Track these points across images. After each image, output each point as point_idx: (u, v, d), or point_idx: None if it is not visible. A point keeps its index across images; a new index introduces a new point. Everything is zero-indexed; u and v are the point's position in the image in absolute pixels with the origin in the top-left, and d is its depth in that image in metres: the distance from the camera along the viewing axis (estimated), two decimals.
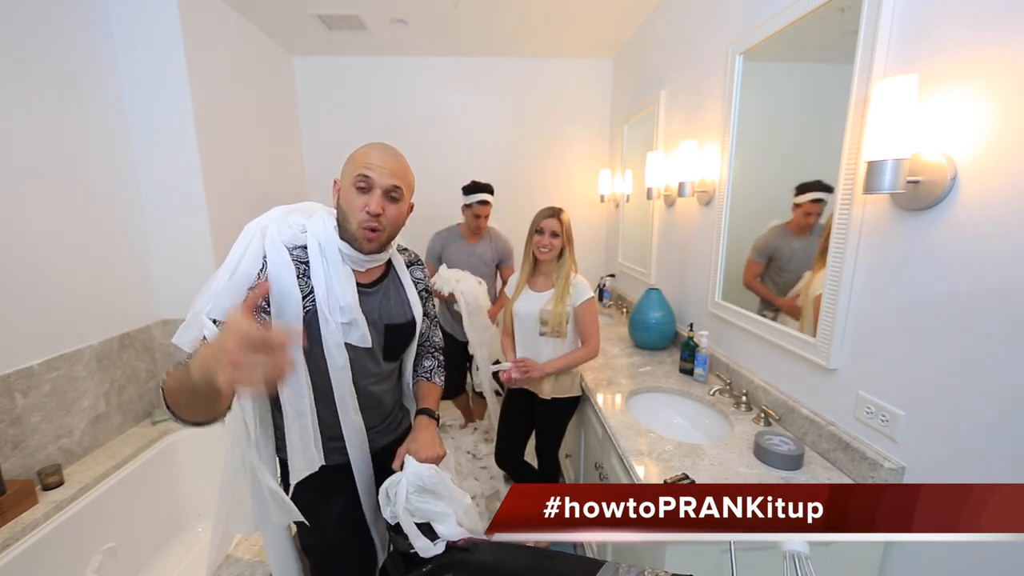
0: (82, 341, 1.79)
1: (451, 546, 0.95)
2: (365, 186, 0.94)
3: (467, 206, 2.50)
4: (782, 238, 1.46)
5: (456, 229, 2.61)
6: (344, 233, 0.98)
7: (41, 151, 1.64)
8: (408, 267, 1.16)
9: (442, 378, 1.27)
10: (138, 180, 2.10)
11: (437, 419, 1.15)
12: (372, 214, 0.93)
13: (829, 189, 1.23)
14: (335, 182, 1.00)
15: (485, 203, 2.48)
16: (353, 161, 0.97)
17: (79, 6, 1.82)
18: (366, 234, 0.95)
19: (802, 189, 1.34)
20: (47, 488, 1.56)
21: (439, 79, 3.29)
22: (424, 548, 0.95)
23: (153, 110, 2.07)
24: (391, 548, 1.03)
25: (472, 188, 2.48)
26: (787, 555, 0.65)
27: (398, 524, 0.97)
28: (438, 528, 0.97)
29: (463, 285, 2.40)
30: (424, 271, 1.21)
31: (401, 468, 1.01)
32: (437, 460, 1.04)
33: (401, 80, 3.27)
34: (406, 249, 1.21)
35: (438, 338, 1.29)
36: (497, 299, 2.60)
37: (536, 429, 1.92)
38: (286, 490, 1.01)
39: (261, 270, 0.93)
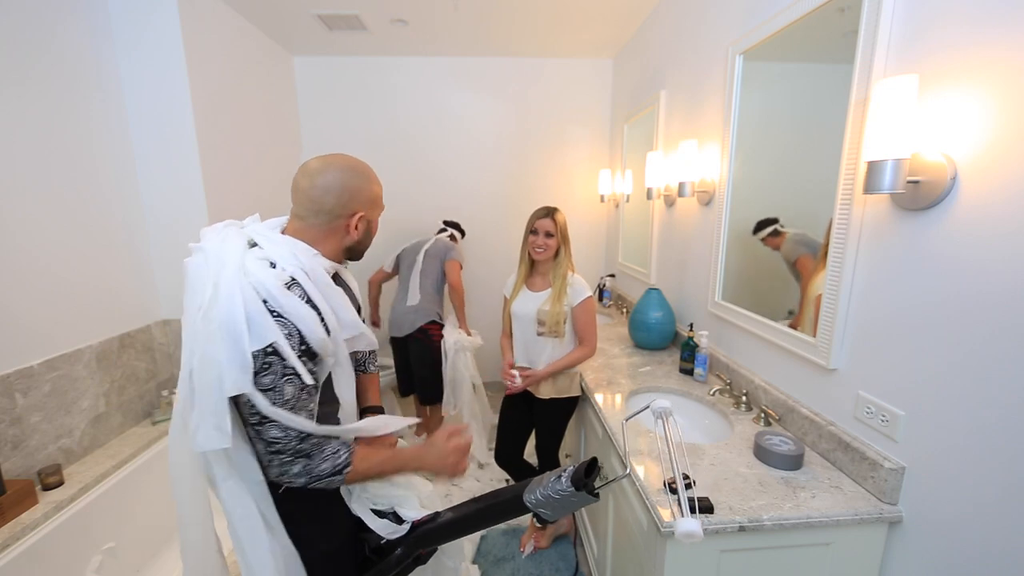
0: (82, 341, 1.79)
1: (416, 525, 1.01)
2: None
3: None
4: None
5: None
6: (354, 254, 1.04)
7: (41, 151, 1.64)
8: None
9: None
10: (138, 180, 2.11)
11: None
12: None
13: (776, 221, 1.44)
14: (360, 215, 0.97)
15: None
16: (381, 191, 1.04)
17: (79, 6, 1.82)
18: None
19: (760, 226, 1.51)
20: (47, 488, 1.56)
21: (439, 79, 3.29)
22: (384, 528, 0.99)
23: (153, 110, 2.07)
24: (364, 550, 1.05)
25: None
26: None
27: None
28: (403, 512, 1.01)
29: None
30: None
31: None
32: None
33: (401, 80, 3.27)
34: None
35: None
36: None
37: (536, 429, 1.92)
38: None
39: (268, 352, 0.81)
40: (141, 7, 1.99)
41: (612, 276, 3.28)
